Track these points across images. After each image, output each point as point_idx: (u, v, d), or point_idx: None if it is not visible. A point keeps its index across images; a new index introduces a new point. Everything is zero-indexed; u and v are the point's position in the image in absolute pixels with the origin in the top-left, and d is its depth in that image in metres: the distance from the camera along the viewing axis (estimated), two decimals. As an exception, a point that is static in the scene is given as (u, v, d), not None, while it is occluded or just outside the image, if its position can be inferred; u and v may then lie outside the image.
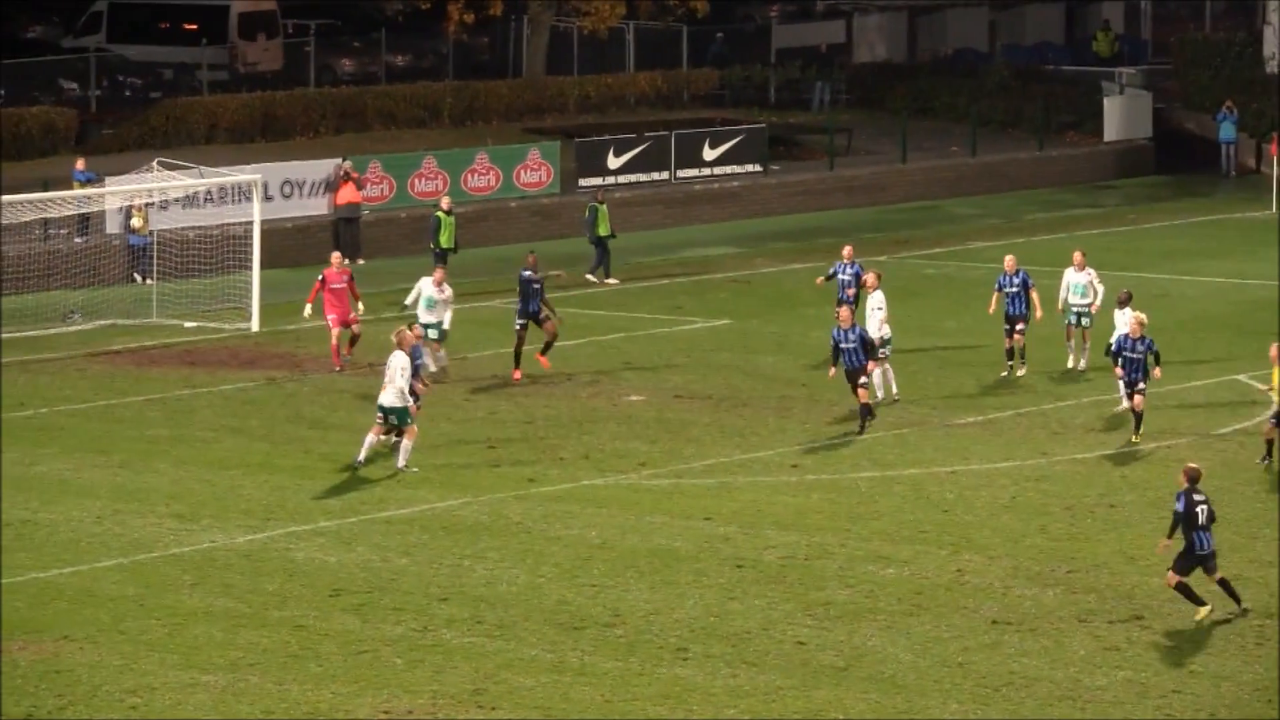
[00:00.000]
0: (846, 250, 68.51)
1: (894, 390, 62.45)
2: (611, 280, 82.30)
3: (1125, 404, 57.34)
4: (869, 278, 64.17)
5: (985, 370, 64.88)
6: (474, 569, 48.25)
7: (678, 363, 68.79)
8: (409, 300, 63.46)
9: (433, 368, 60.18)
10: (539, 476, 55.31)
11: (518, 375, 64.98)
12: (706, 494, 54.29)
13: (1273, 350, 54.44)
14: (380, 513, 52.57)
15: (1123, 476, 55.46)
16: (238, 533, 51.20)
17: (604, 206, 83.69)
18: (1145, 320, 58.57)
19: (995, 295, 65.29)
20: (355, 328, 67.27)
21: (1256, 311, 73.00)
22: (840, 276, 68.67)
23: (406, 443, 55.20)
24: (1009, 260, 62.79)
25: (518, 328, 66.75)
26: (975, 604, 45.75)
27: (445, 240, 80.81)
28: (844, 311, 59.46)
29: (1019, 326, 64.24)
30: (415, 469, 54.77)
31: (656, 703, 40.83)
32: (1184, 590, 42.25)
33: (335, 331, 66.87)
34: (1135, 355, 56.62)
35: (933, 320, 69.17)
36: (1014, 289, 65.41)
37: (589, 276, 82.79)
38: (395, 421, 54.59)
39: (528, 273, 64.57)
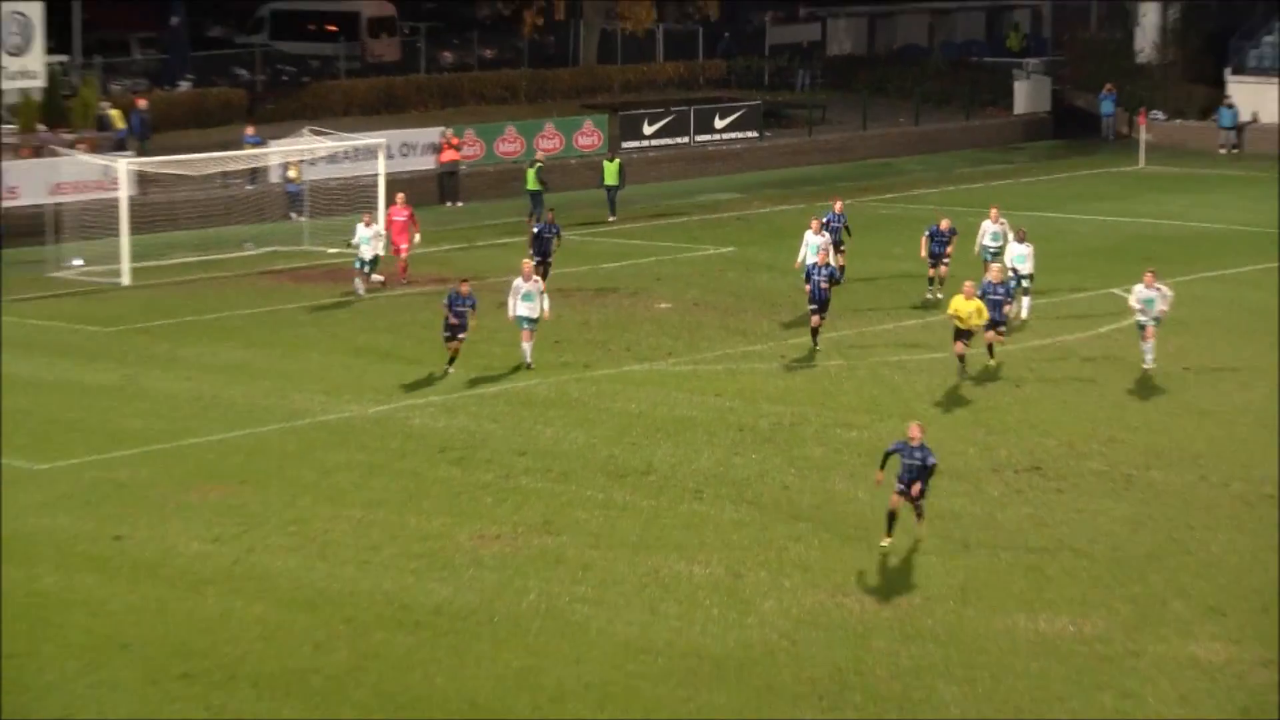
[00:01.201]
0: (837, 205, 67.71)
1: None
2: (613, 218, 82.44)
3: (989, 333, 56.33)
4: (813, 223, 63.34)
5: (925, 286, 64.59)
6: (544, 432, 48.50)
7: (695, 280, 68.66)
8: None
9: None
10: (593, 364, 55.34)
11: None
12: (717, 377, 54.41)
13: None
14: (475, 390, 52.78)
15: (1028, 366, 55.40)
16: (370, 405, 51.39)
17: (615, 163, 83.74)
18: (1007, 269, 58.04)
19: (924, 240, 64.71)
20: (403, 254, 67.59)
21: (1129, 242, 72.85)
22: (832, 224, 66.27)
23: (528, 345, 55.00)
24: (945, 222, 61.99)
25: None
26: (916, 459, 45.91)
27: (531, 183, 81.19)
28: (821, 255, 58.39)
29: (944, 261, 63.49)
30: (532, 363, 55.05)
31: (679, 531, 41.30)
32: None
33: (396, 255, 67.40)
34: (995, 297, 54.95)
35: (885, 248, 68.89)
36: (943, 238, 65.01)
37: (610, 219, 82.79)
38: (529, 326, 54.80)
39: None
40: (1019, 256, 61.11)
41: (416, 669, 34.30)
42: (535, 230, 67.65)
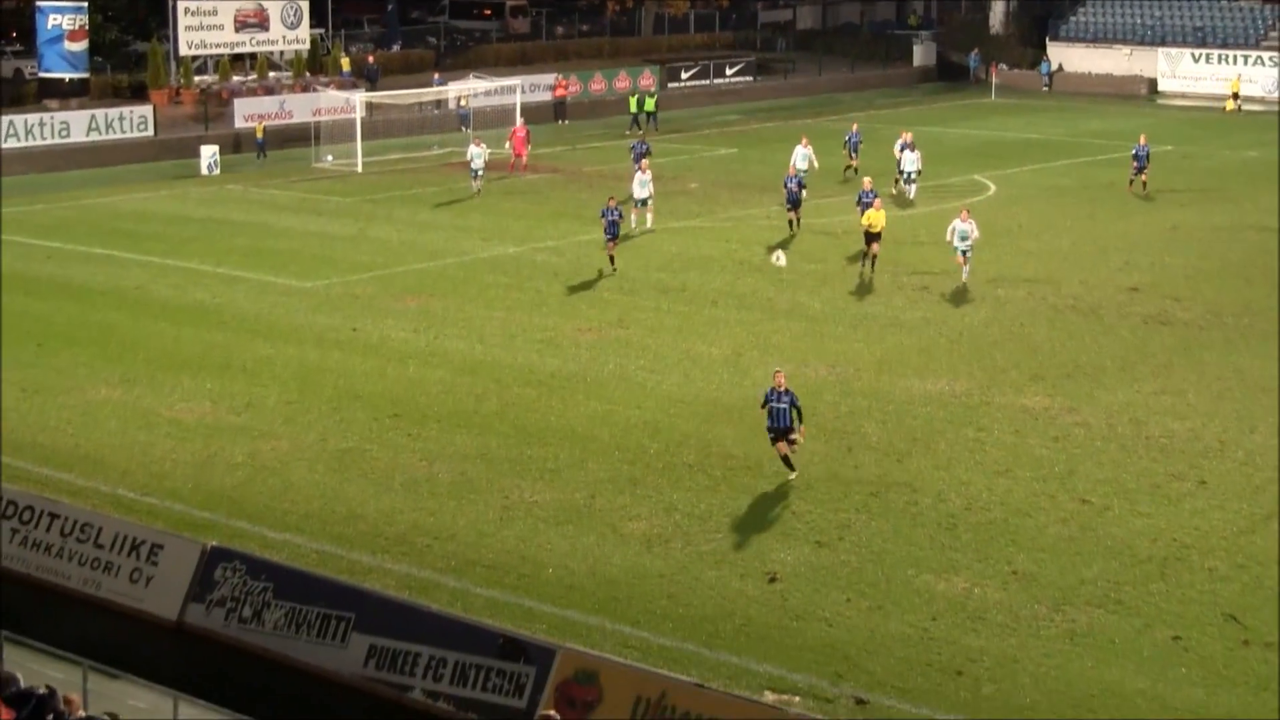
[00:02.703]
0: (854, 126, 66.25)
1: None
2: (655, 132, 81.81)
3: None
4: (803, 139, 61.37)
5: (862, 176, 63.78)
6: (626, 260, 48.17)
7: (713, 169, 68.10)
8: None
9: (648, 224, 53.70)
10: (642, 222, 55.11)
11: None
12: (727, 230, 54.03)
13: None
14: (573, 239, 52.44)
15: (923, 226, 54.82)
16: (510, 247, 51.18)
17: (653, 97, 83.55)
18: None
19: (845, 150, 63.70)
20: (523, 159, 66.67)
21: (984, 146, 72.26)
22: (851, 140, 64.66)
23: (648, 218, 53.46)
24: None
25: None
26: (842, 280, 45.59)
27: (634, 108, 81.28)
28: (791, 169, 56.33)
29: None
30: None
31: (702, 326, 41.30)
32: (785, 460, 29.95)
33: (515, 158, 66.72)
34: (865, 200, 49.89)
35: (834, 148, 67.74)
36: (855, 139, 64.22)
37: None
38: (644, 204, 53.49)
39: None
40: (910, 159, 60.20)
41: (538, 411, 34.38)
42: (632, 146, 64.14)
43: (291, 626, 23.70)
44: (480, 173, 60.07)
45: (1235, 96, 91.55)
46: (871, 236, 46.97)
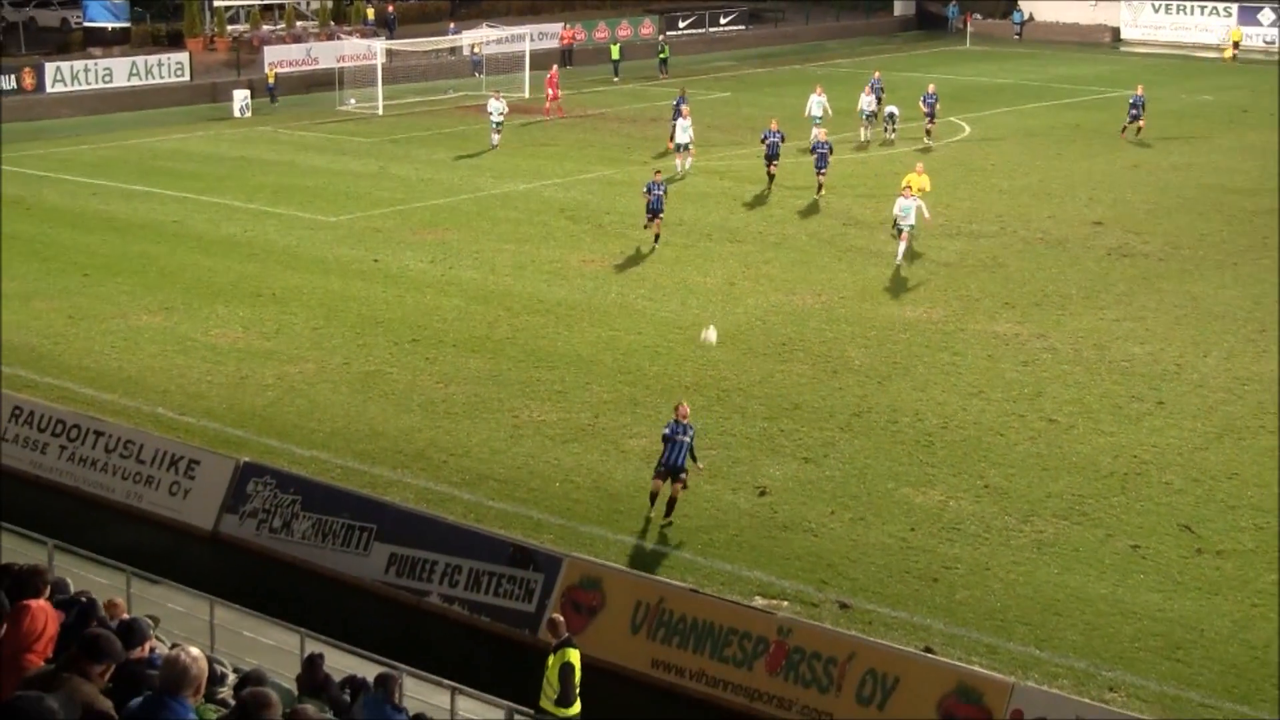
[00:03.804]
0: (876, 73, 64.93)
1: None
2: (664, 75, 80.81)
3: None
4: (817, 87, 59.40)
5: (841, 120, 63.29)
6: (618, 201, 47.87)
7: (709, 111, 67.19)
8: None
9: (688, 166, 52.73)
10: (651, 161, 54.58)
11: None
12: (720, 168, 53.76)
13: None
14: (579, 176, 52.16)
15: (899, 162, 54.53)
16: (520, 184, 50.90)
17: (665, 47, 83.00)
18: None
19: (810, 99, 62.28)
20: (557, 102, 65.97)
21: (961, 90, 71.52)
22: (874, 86, 62.00)
23: (688, 160, 52.51)
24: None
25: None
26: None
27: (615, 55, 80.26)
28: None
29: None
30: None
31: (698, 258, 41.20)
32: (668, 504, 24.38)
33: (551, 102, 65.82)
34: (821, 150, 48.81)
35: (828, 95, 67.10)
36: (876, 85, 63.18)
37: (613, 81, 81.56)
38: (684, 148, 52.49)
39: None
40: (889, 106, 59.60)
41: (546, 337, 34.24)
42: (675, 103, 58.70)
43: (318, 536, 23.78)
44: (500, 125, 58.24)
45: (1236, 45, 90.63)
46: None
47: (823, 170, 48.86)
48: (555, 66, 70.68)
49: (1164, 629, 21.32)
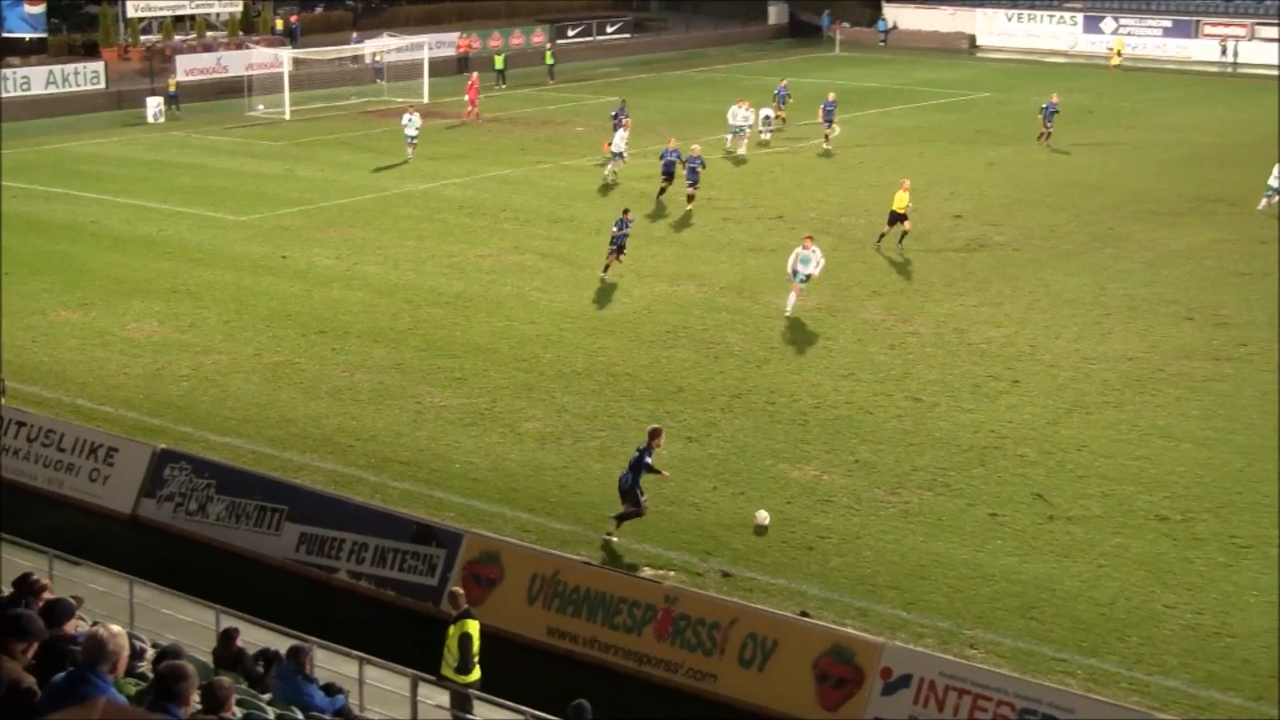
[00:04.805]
0: (784, 80, 65.03)
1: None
2: (551, 81, 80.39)
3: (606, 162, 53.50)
4: (743, 101, 58.76)
5: (719, 121, 63.07)
6: (515, 198, 47.82)
7: (595, 116, 66.63)
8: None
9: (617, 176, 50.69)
10: (542, 160, 54.48)
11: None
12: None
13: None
14: (477, 175, 51.96)
15: (777, 161, 54.77)
16: (421, 184, 50.60)
17: (550, 51, 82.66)
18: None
19: (774, 103, 61.11)
20: (476, 108, 65.57)
21: (844, 93, 71.68)
22: (780, 94, 62.47)
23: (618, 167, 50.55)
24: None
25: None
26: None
27: (499, 65, 79.56)
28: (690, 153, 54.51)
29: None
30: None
31: (589, 252, 40.99)
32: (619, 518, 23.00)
33: (470, 108, 65.37)
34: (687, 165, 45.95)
35: (699, 95, 67.27)
36: (783, 93, 63.45)
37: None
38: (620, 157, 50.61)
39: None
40: (764, 109, 59.42)
41: (446, 327, 34.12)
42: (615, 113, 57.09)
43: (232, 518, 23.60)
44: (415, 139, 55.68)
45: (1119, 54, 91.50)
46: (896, 216, 41.19)
47: (694, 184, 46.16)
48: (475, 74, 70.15)
49: (1020, 590, 21.62)
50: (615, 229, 38.14)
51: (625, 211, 38.83)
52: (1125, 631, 20.43)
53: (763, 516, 23.40)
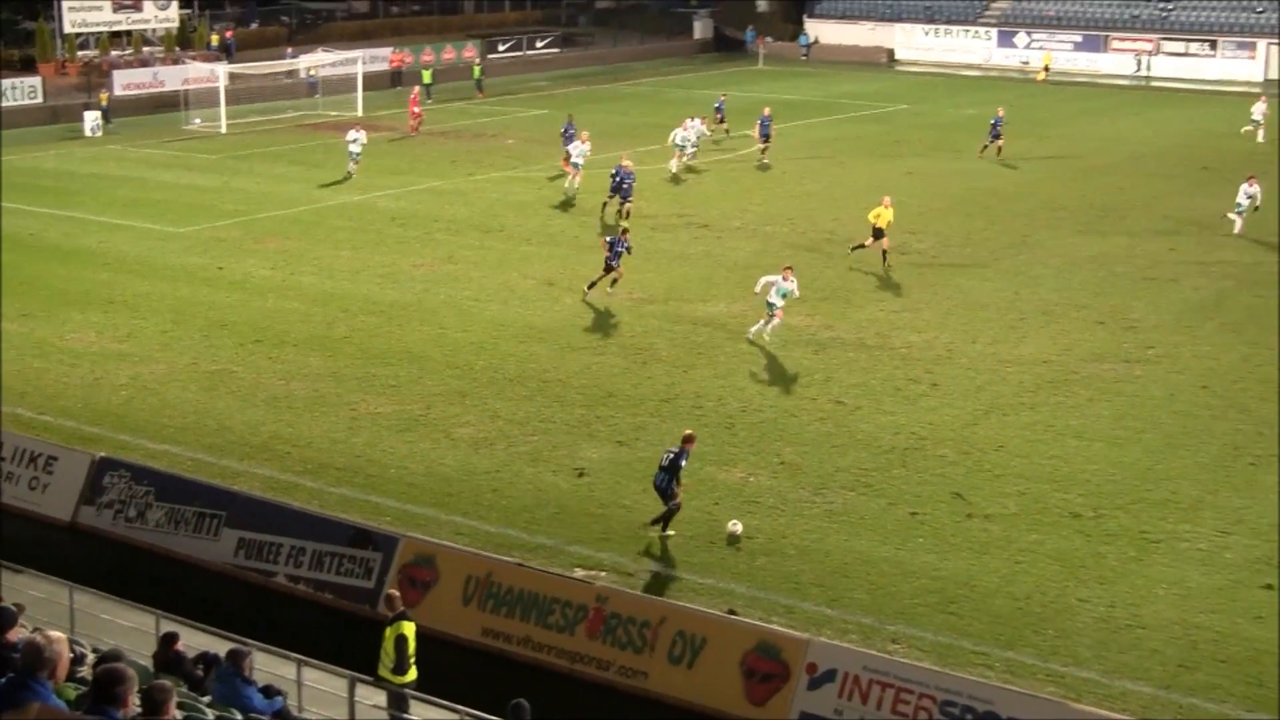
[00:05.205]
0: (722, 96, 63.04)
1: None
2: (480, 95, 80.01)
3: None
4: (698, 120, 58.53)
5: (662, 130, 63.19)
6: (446, 209, 47.68)
7: (528, 127, 66.96)
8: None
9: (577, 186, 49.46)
10: (473, 173, 54.32)
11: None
12: (538, 180, 53.53)
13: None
14: (410, 187, 51.76)
15: (713, 169, 54.83)
16: (355, 195, 50.38)
17: (479, 69, 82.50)
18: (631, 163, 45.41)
19: (715, 116, 60.30)
20: (418, 121, 65.35)
21: (756, 107, 70.66)
22: (718, 109, 62.47)
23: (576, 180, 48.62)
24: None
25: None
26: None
27: (426, 79, 78.75)
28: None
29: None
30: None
31: (519, 261, 41.01)
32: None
33: (414, 121, 65.13)
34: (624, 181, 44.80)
35: (626, 107, 67.39)
36: (720, 106, 63.19)
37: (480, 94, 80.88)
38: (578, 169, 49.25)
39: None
40: (693, 131, 58.68)
41: (380, 335, 34.01)
42: (564, 129, 55.90)
43: (171, 524, 23.41)
44: (358, 156, 54.04)
45: (1046, 69, 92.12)
46: (878, 231, 40.46)
47: (628, 199, 45.40)
48: (417, 88, 69.93)
49: (939, 586, 21.76)
50: (609, 249, 37.07)
51: (624, 232, 37.95)
52: (1041, 625, 20.62)
53: (735, 526, 23.28)
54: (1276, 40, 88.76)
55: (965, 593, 21.55)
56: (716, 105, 63.48)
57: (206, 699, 14.90)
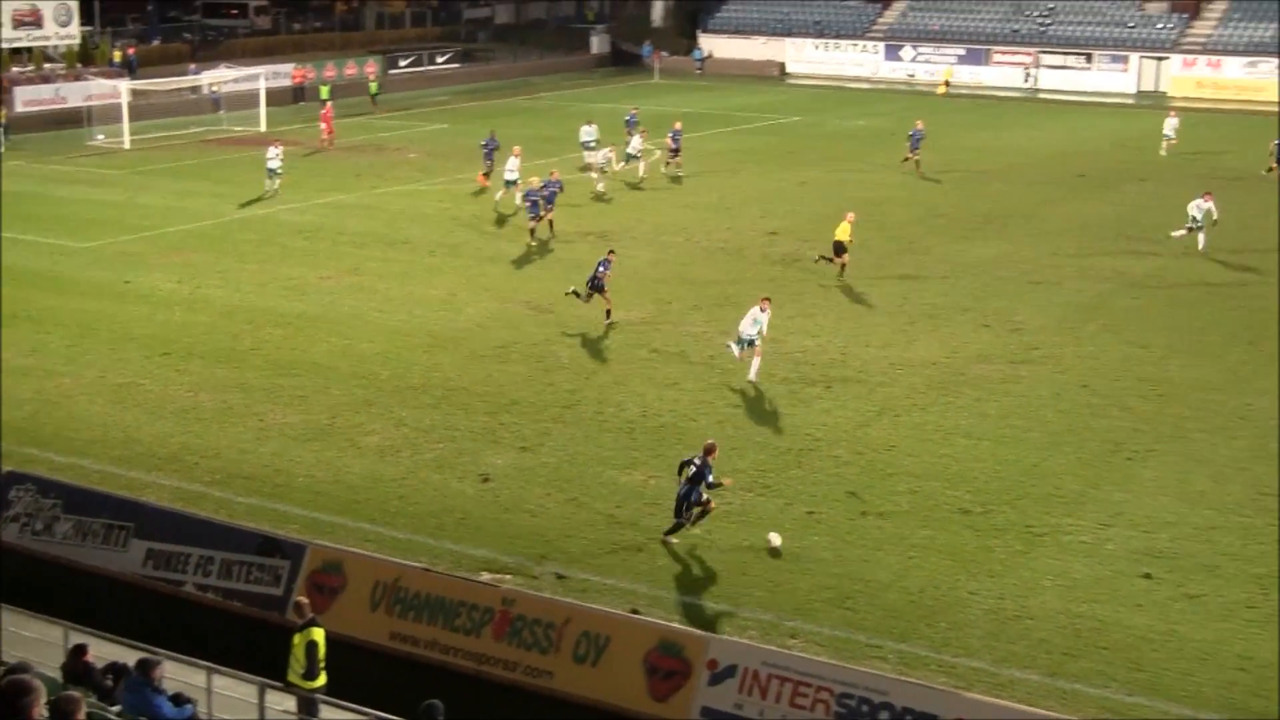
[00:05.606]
0: (677, 124, 63.39)
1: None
2: (374, 108, 79.61)
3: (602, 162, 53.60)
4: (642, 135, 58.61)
5: (561, 143, 63.11)
6: (350, 221, 47.38)
7: (429, 141, 66.79)
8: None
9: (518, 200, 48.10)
10: (377, 185, 54.01)
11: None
12: (439, 192, 53.30)
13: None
14: (315, 200, 51.37)
15: (647, 185, 54.82)
16: (260, 209, 49.91)
17: (376, 83, 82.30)
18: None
19: (626, 130, 57.75)
20: (331, 135, 64.96)
21: (652, 119, 70.99)
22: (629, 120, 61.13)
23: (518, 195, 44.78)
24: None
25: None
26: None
27: (324, 95, 78.02)
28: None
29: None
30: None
31: (423, 272, 40.80)
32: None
33: (327, 135, 64.82)
34: (540, 195, 44.01)
35: (533, 123, 67.31)
36: (633, 120, 62.03)
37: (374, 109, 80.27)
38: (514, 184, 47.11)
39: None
40: (590, 131, 58.85)
41: (287, 347, 33.73)
42: (485, 143, 54.24)
43: (79, 536, 23.04)
44: (278, 172, 52.85)
45: (947, 83, 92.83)
46: (840, 246, 40.38)
47: (549, 209, 44.72)
48: (330, 104, 69.49)
49: (835, 582, 21.92)
50: (599, 269, 35.63)
51: (610, 252, 36.75)
52: (933, 617, 20.85)
53: (775, 539, 23.00)
54: (1147, 54, 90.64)
55: (860, 588, 21.73)
56: (627, 119, 62.62)
57: (116, 709, 14.72)
